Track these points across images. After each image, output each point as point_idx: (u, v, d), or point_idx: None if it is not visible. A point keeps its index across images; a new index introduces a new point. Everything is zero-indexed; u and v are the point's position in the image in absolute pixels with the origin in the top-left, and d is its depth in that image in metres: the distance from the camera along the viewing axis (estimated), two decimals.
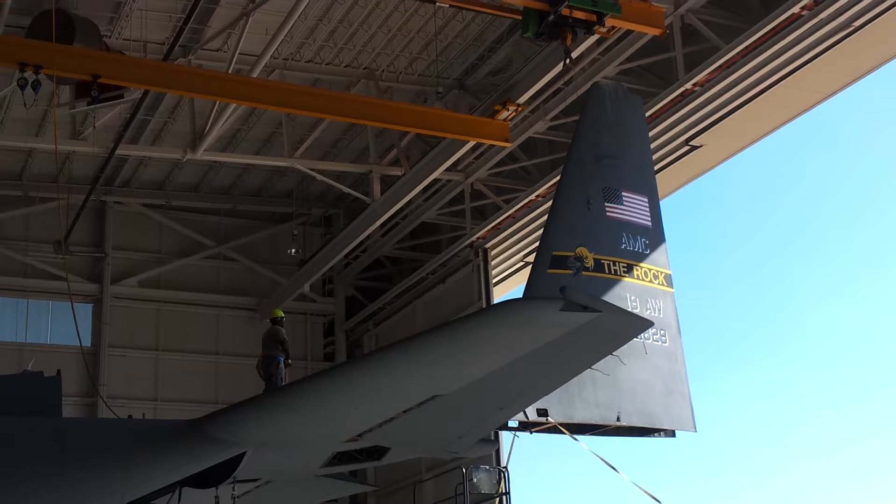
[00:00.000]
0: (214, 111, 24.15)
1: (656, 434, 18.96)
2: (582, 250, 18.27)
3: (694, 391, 19.14)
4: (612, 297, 18.18)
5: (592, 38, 20.20)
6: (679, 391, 18.90)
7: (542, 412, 17.17)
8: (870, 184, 49.60)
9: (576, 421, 17.71)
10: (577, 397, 17.53)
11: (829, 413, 46.50)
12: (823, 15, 19.80)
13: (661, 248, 19.63)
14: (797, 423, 47.14)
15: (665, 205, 20.75)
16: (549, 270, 17.93)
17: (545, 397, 16.92)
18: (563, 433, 17.41)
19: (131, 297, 31.92)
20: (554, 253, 18.13)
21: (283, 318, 21.87)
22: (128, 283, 31.93)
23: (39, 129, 26.77)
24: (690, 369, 19.15)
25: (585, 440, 17.79)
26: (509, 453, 17.96)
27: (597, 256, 18.47)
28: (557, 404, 17.27)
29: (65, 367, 19.71)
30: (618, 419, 18.00)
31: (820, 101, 23.23)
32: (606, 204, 19.06)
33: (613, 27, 19.35)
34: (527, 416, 17.05)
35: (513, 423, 17.43)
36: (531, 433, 17.61)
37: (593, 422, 17.93)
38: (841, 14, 19.84)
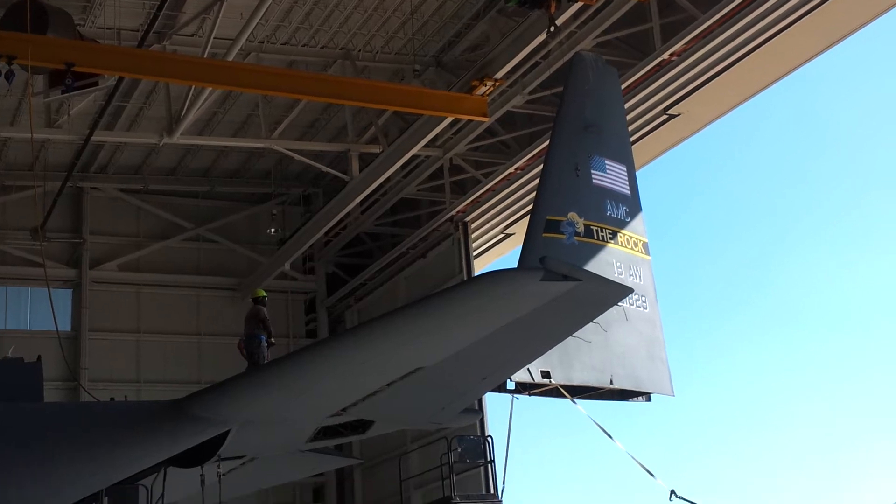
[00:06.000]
0: (190, 95, 23.95)
1: (635, 398, 19.22)
2: (573, 215, 18.48)
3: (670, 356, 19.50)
4: (600, 262, 18.51)
5: (575, 7, 20.13)
6: (658, 356, 19.22)
7: (545, 374, 17.33)
8: (846, 147, 49.85)
9: (574, 383, 17.92)
10: (575, 360, 17.72)
11: (804, 376, 46.91)
12: None
13: (639, 217, 20.00)
14: (772, 385, 47.56)
15: (643, 173, 20.96)
16: (543, 234, 18.07)
17: (547, 359, 17.07)
18: (564, 396, 17.60)
19: (111, 282, 31.74)
20: (548, 217, 18.28)
21: (264, 297, 21.80)
22: (107, 267, 31.75)
23: (14, 119, 26.52)
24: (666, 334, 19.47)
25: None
26: (510, 416, 18.05)
27: (586, 222, 18.73)
28: (559, 366, 17.43)
29: (46, 353, 19.67)
30: (611, 382, 18.24)
31: (795, 68, 23.30)
32: (592, 171, 19.27)
33: None
34: (532, 377, 17.18)
35: (510, 386, 17.54)
36: (529, 395, 17.72)
37: (590, 384, 18.16)
38: None
